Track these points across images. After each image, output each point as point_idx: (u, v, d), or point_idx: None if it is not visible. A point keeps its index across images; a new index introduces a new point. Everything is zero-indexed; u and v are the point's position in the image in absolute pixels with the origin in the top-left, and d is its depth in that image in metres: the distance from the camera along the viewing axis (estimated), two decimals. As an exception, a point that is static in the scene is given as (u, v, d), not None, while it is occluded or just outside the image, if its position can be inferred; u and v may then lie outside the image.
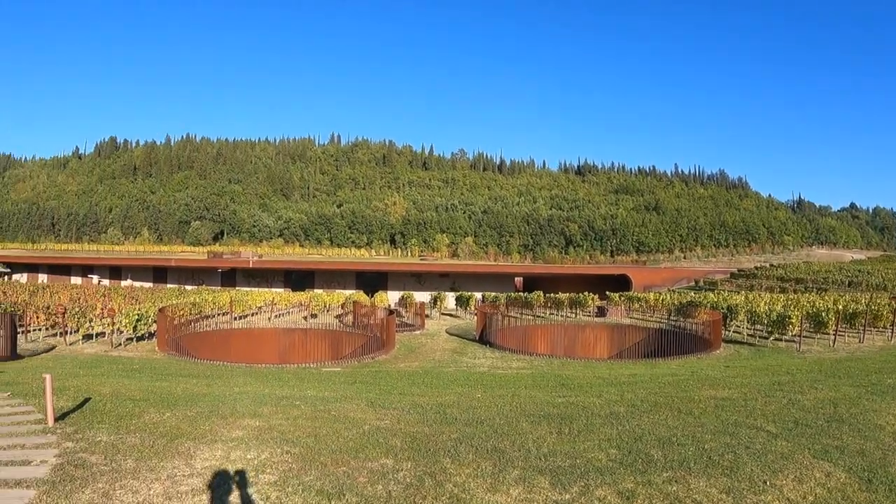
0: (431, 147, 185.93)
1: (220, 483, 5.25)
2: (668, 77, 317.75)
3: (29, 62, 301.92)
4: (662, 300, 34.04)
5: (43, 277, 68.58)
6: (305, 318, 31.63)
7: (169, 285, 61.53)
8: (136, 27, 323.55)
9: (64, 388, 9.23)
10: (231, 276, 65.60)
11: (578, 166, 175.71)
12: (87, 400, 8.59)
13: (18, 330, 18.22)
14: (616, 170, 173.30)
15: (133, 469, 5.55)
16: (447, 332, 27.10)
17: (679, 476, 5.39)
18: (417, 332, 27.17)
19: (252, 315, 32.65)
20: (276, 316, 33.16)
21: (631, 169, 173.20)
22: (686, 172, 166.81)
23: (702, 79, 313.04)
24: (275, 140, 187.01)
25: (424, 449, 6.35)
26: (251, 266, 65.53)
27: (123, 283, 60.37)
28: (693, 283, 56.82)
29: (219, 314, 30.14)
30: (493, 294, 44.71)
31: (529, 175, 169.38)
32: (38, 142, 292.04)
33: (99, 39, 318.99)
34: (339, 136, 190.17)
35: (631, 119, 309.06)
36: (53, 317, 22.40)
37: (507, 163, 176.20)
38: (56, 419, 7.21)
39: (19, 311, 21.55)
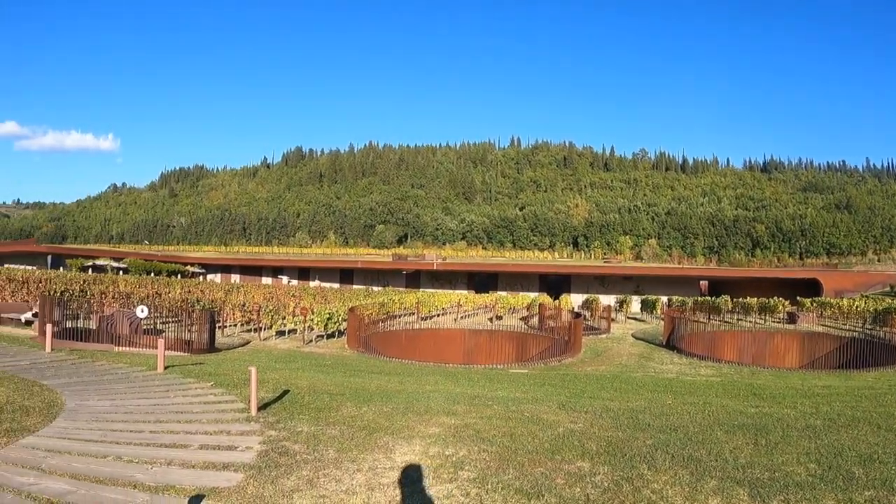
0: (612, 148, 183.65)
1: (420, 477, 5.30)
2: (855, 65, 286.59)
3: (219, 82, 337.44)
4: (856, 307, 32.39)
5: (235, 278, 75.77)
6: (491, 319, 32.09)
7: (355, 286, 65.31)
8: (318, 45, 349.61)
9: (263, 381, 9.92)
10: (415, 278, 68.33)
11: (764, 163, 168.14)
12: (285, 392, 9.19)
13: (216, 325, 20.13)
14: (804, 166, 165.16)
15: (335, 459, 5.78)
16: (633, 337, 26.67)
17: (882, 496, 4.94)
18: (603, 336, 26.94)
19: (438, 316, 33.72)
20: (461, 317, 33.96)
21: (819, 165, 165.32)
22: (879, 167, 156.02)
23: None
24: (455, 145, 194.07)
25: (620, 453, 6.15)
26: (435, 268, 67.87)
27: (311, 284, 64.89)
28: (889, 289, 52.66)
29: (405, 314, 31.41)
30: (680, 298, 43.63)
31: (713, 174, 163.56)
32: (229, 153, 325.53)
33: (283, 58, 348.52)
34: (518, 139, 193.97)
35: (818, 112, 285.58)
36: (248, 314, 24.54)
37: (690, 162, 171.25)
38: (258, 409, 7.75)
39: (217, 308, 23.81)
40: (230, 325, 24.47)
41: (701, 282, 62.15)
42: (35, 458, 5.82)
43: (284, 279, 72.88)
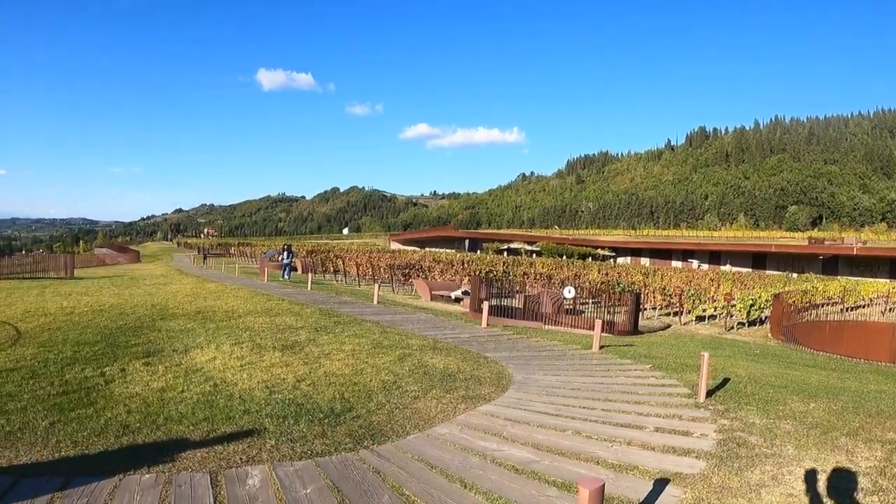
0: None
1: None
2: None
3: (615, 67, 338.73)
4: None
5: (645, 261, 75.81)
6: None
7: (768, 272, 60.64)
8: (715, 21, 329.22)
9: (696, 367, 9.78)
10: (832, 264, 60.96)
11: None
12: (726, 380, 8.93)
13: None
14: None
15: (794, 456, 5.48)
16: None
17: None
18: None
19: (864, 307, 29.61)
20: (889, 309, 29.32)
21: None
22: None
23: None
24: (868, 112, 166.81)
25: None
26: (854, 253, 59.42)
27: (723, 269, 62.02)
28: None
29: (827, 304, 28.24)
30: None
31: None
32: (632, 137, 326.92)
33: (680, 39, 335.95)
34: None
35: None
36: (668, 298, 24.44)
37: None
38: (705, 396, 7.70)
39: (637, 290, 24.17)
40: (649, 308, 24.68)
41: None
42: (495, 426, 6.42)
43: (694, 263, 70.89)
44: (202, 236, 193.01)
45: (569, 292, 17.71)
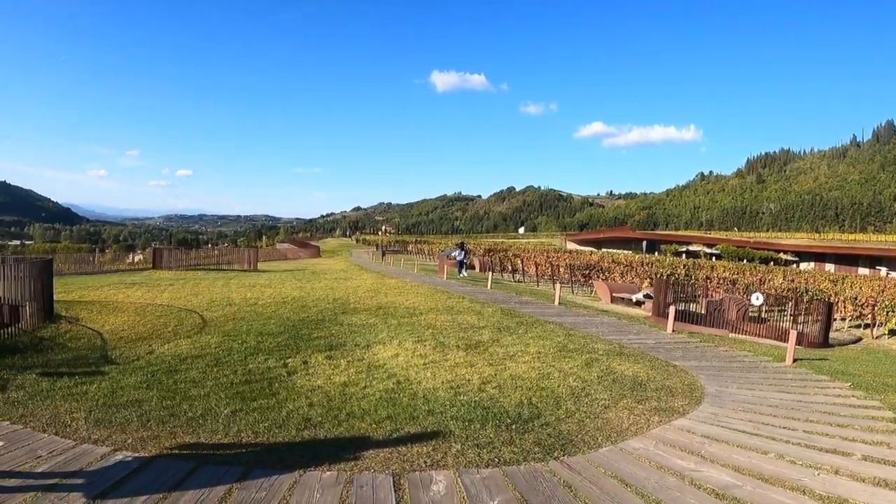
0: None
1: None
2: None
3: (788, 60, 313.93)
4: None
5: (829, 267, 69.64)
6: None
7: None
8: None
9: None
10: None
11: None
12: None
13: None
14: None
15: None
16: None
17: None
18: None
19: None
20: None
21: None
22: None
23: None
24: None
25: None
26: None
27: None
28: None
29: None
30: None
31: None
32: (815, 134, 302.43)
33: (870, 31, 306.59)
34: None
35: None
36: (860, 308, 22.00)
37: None
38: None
39: (827, 299, 21.96)
40: (838, 319, 22.36)
41: None
42: (692, 443, 5.84)
43: (882, 271, 64.14)
44: (379, 233, 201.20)
45: (756, 299, 16.35)
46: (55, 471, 4.57)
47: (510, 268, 34.83)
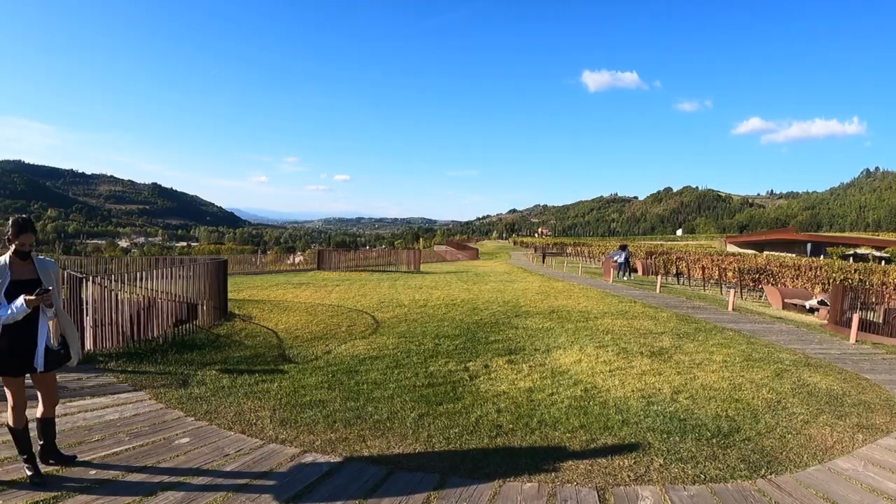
0: None
1: None
2: None
3: None
4: None
5: None
6: None
7: None
8: None
9: None
10: None
11: None
12: None
13: None
14: None
15: None
16: None
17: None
18: None
19: None
20: None
21: None
22: None
23: None
24: None
25: None
26: None
27: None
28: None
29: None
30: None
31: None
32: None
33: None
34: None
35: None
36: None
37: None
38: None
39: None
40: None
41: None
42: None
43: None
44: (535, 235, 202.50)
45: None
46: (244, 470, 4.77)
47: (674, 271, 34.56)
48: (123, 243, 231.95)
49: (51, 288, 4.35)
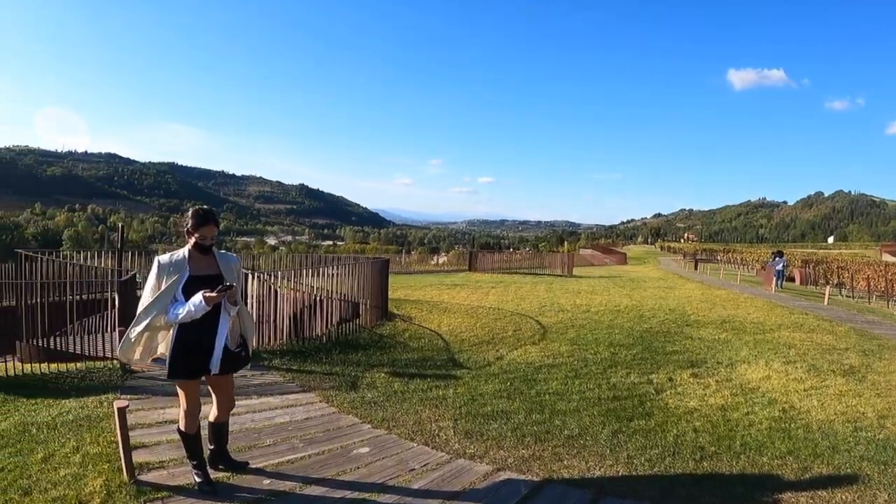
0: None
1: None
2: None
3: None
4: None
5: None
6: None
7: None
8: None
9: None
10: None
11: None
12: None
13: None
14: None
15: None
16: None
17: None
18: None
19: None
20: None
21: None
22: None
23: None
24: None
25: None
26: None
27: None
28: None
29: None
30: None
31: None
32: None
33: None
34: None
35: None
36: None
37: None
38: None
39: None
40: None
41: None
42: None
43: None
44: (682, 241, 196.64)
45: None
46: (434, 489, 4.41)
47: (836, 280, 32.33)
48: (271, 241, 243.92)
49: (234, 283, 4.02)
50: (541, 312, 14.25)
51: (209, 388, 4.35)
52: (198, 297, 3.86)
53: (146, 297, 3.96)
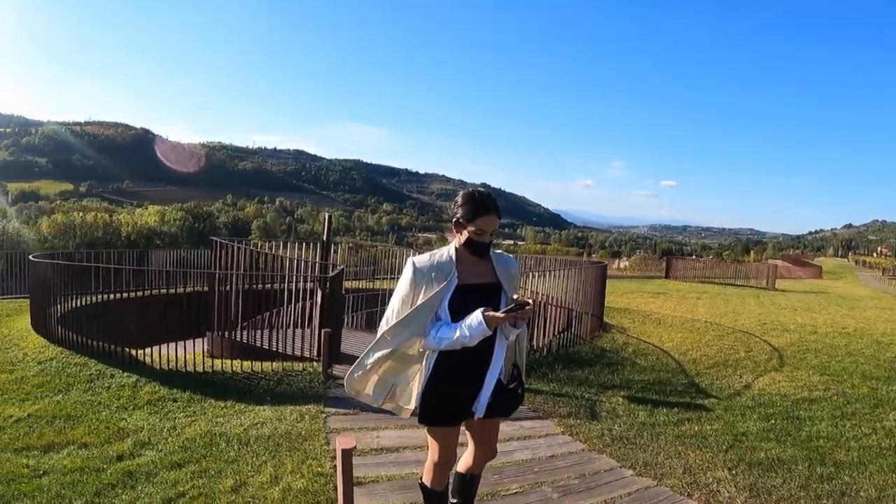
0: None
1: None
2: None
3: None
4: None
5: None
6: None
7: None
8: None
9: None
10: None
11: None
12: None
13: None
14: None
15: None
16: None
17: None
18: None
19: None
20: None
21: None
22: None
23: None
24: None
25: None
26: None
27: None
28: None
29: None
30: None
31: None
32: None
33: None
34: None
35: None
36: None
37: None
38: None
39: None
40: None
41: None
42: None
43: None
44: (874, 255, 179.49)
45: None
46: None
47: None
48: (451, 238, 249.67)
49: (530, 301, 2.73)
50: (764, 331, 12.79)
51: (467, 433, 3.20)
52: (476, 317, 2.70)
53: (394, 310, 2.89)
